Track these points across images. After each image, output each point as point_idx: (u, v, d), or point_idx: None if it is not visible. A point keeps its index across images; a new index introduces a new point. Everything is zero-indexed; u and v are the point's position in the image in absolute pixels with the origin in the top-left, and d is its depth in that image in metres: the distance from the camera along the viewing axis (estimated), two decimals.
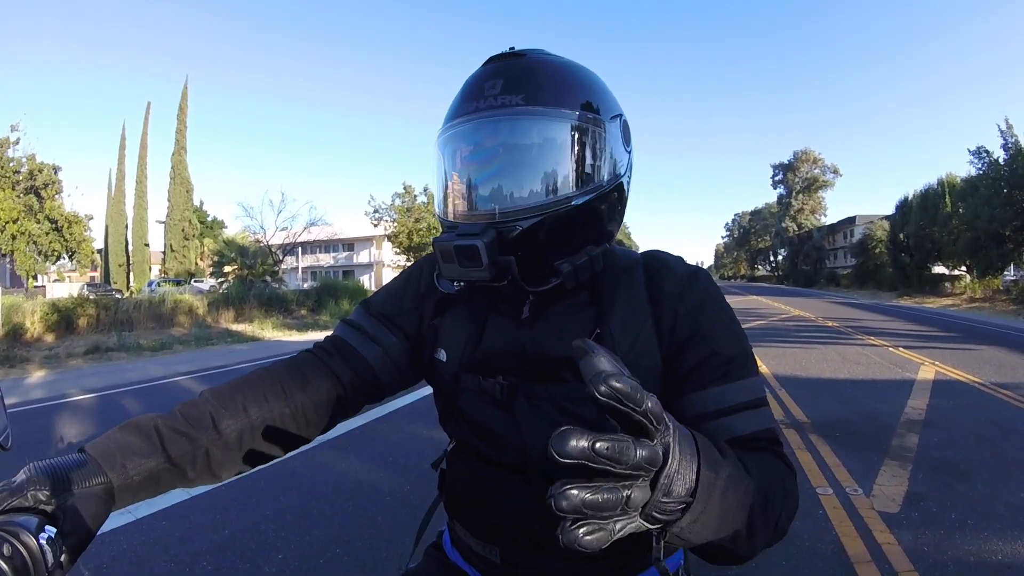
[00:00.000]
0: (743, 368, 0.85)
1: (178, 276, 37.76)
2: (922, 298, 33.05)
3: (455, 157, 0.90)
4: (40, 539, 0.59)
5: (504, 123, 0.84)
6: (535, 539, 0.89)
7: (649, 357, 0.86)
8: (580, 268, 0.85)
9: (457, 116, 0.87)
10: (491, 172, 0.87)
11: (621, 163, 0.91)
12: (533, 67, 0.86)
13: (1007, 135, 27.04)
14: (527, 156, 0.84)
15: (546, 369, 0.89)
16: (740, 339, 0.88)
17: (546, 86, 0.84)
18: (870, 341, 12.56)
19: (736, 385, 0.83)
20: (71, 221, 25.28)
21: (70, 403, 7.42)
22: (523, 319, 0.93)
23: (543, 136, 0.84)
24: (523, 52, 0.89)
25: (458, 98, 0.89)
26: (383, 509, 3.69)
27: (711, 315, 0.88)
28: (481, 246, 0.80)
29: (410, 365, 1.03)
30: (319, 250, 50.40)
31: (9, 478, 0.66)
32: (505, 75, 0.85)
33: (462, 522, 1.01)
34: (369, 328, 1.02)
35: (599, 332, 0.88)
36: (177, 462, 0.79)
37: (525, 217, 0.82)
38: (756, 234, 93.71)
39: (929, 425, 5.56)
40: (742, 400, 0.82)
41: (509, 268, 0.82)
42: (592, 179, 0.85)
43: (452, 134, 0.89)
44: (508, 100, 0.82)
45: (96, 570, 2.94)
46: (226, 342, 14.83)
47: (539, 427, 0.87)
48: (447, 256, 0.84)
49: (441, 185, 0.94)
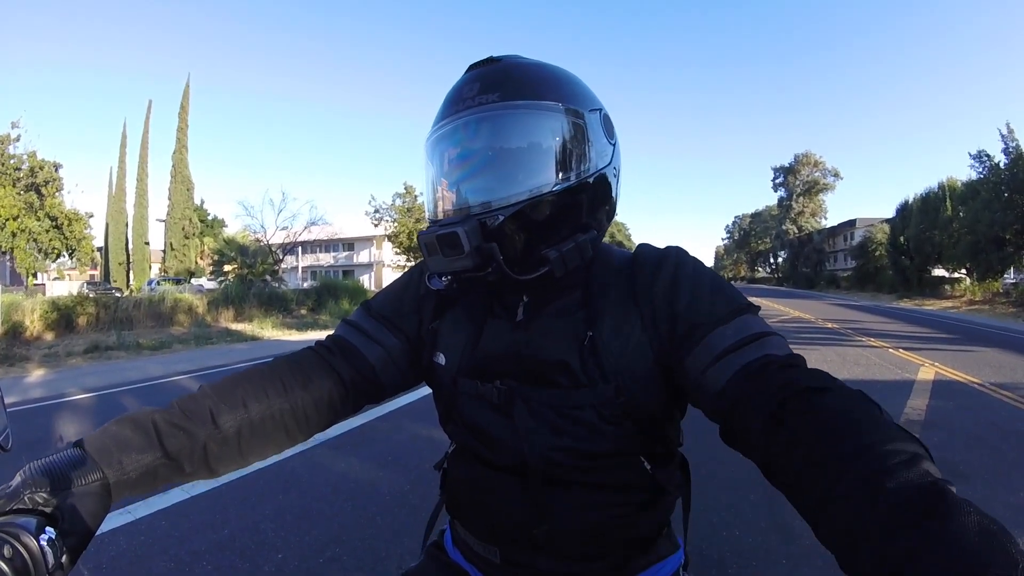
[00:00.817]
0: (739, 313, 0.83)
1: (178, 275, 37.73)
2: (922, 300, 33.07)
3: (438, 160, 0.92)
4: (40, 540, 0.59)
5: (483, 121, 0.86)
6: (534, 541, 0.90)
7: (641, 361, 0.86)
8: (567, 255, 0.85)
9: (439, 122, 0.89)
10: (471, 168, 0.88)
11: (604, 154, 0.91)
12: (507, 69, 0.89)
13: (1008, 139, 27.13)
14: (505, 149, 0.86)
15: (541, 372, 0.89)
16: (729, 299, 0.85)
17: (522, 83, 0.86)
18: (870, 342, 12.57)
19: (733, 324, 0.81)
20: (71, 219, 25.27)
21: (69, 402, 7.41)
22: (518, 322, 0.93)
23: (520, 129, 0.85)
24: (499, 58, 0.91)
25: (442, 106, 0.91)
26: (382, 509, 3.68)
27: (687, 291, 0.86)
28: (461, 232, 0.81)
29: (410, 367, 1.03)
30: (319, 249, 50.41)
31: (7, 480, 0.66)
32: (481, 79, 0.87)
33: (463, 522, 1.02)
34: (370, 329, 1.02)
35: (591, 335, 0.87)
36: (174, 456, 0.79)
37: (505, 206, 0.83)
38: (756, 236, 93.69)
39: (929, 426, 5.57)
40: (743, 336, 0.79)
41: (492, 255, 0.82)
42: (573, 168, 0.86)
43: (435, 139, 0.91)
44: (485, 99, 0.84)
45: (95, 570, 2.94)
46: (226, 341, 14.82)
47: (537, 432, 0.88)
48: (431, 248, 0.85)
49: (428, 189, 0.96)
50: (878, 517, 0.49)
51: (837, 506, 0.54)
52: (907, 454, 0.54)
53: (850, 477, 0.54)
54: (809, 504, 0.59)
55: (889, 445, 0.55)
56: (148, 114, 41.00)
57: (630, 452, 0.89)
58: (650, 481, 0.91)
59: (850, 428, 0.60)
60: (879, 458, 0.54)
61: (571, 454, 0.87)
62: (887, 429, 0.59)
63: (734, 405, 0.74)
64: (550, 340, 0.89)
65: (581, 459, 0.87)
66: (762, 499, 3.64)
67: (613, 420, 0.86)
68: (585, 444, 0.87)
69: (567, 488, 0.89)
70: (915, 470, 0.52)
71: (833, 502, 0.54)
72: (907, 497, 0.49)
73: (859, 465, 0.54)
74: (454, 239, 0.81)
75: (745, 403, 0.72)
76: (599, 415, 0.86)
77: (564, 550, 0.90)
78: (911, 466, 0.52)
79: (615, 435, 0.87)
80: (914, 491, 0.49)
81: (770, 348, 0.77)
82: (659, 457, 0.93)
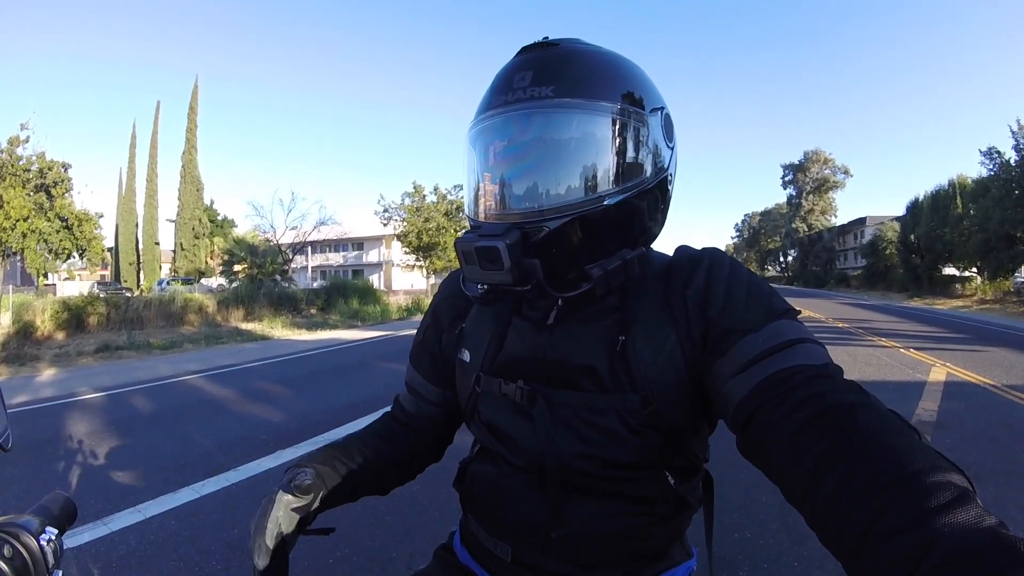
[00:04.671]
0: (773, 319, 0.77)
1: (188, 275, 37.96)
2: (933, 299, 32.91)
3: (481, 153, 0.86)
4: (40, 540, 0.59)
5: (534, 116, 0.80)
6: (548, 543, 0.88)
7: (672, 371, 0.81)
8: (612, 273, 0.80)
9: (485, 111, 0.84)
10: (518, 169, 0.82)
11: (663, 159, 0.85)
12: (565, 57, 0.82)
13: (1018, 136, 26.83)
14: (557, 151, 0.80)
15: (567, 377, 0.86)
16: (765, 304, 0.78)
17: (579, 76, 0.79)
18: (881, 342, 12.51)
19: (765, 331, 0.75)
20: (81, 219, 25.34)
21: (80, 401, 7.45)
22: (547, 324, 0.89)
23: (575, 129, 0.79)
24: (556, 41, 0.84)
25: (487, 92, 0.85)
26: (392, 509, 3.68)
27: (720, 295, 0.80)
28: (502, 247, 0.76)
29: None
30: (329, 249, 50.50)
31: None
32: (535, 66, 0.81)
33: (477, 517, 1.01)
34: (420, 389, 1.11)
35: (623, 340, 0.83)
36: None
37: (554, 217, 0.78)
38: (766, 235, 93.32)
39: (940, 427, 5.53)
40: (773, 344, 0.73)
41: (533, 271, 0.78)
42: (630, 176, 0.80)
43: (479, 129, 0.85)
44: (537, 92, 0.78)
45: (105, 569, 2.96)
46: (236, 341, 14.87)
47: (558, 434, 0.85)
48: (468, 258, 0.81)
49: (469, 183, 0.90)
50: (933, 565, 0.44)
51: (882, 546, 0.49)
52: (955, 489, 0.50)
53: (894, 513, 0.49)
54: (844, 539, 0.53)
55: (933, 476, 0.51)
56: (157, 115, 41.42)
57: (652, 464, 0.86)
58: (673, 495, 0.88)
59: (887, 454, 0.55)
60: (925, 493, 0.49)
61: (591, 461, 0.84)
62: (927, 456, 0.54)
63: (752, 418, 0.70)
64: (579, 344, 0.86)
65: (601, 467, 0.84)
66: (773, 501, 3.61)
67: (637, 430, 0.82)
68: (606, 451, 0.83)
69: (585, 494, 0.87)
70: (968, 511, 0.47)
71: (876, 539, 0.50)
72: (967, 548, 0.44)
73: (902, 501, 0.50)
74: (494, 254, 0.77)
75: (765, 416, 0.68)
76: (623, 423, 0.82)
77: (578, 555, 0.88)
78: (962, 505, 0.48)
79: (638, 445, 0.83)
80: (973, 541, 0.45)
81: (801, 357, 0.72)
82: (682, 471, 0.90)
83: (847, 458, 0.57)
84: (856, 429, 0.59)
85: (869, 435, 0.58)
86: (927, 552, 0.45)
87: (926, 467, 0.52)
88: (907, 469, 0.52)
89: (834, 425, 0.60)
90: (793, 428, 0.63)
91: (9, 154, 22.92)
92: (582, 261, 0.81)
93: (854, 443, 0.58)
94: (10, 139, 23.07)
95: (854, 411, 0.61)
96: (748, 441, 0.71)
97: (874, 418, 0.60)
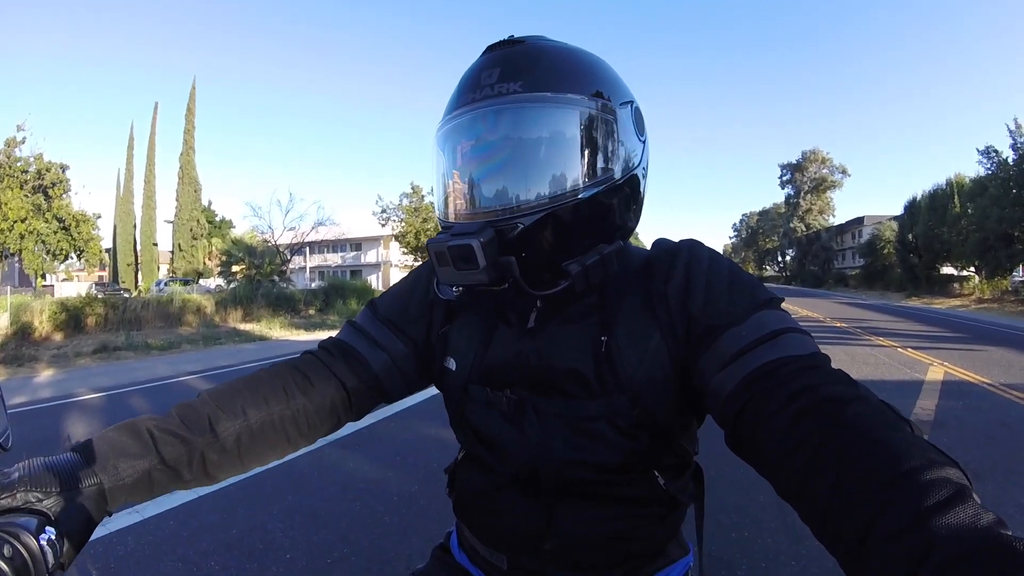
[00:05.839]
0: (757, 310, 0.76)
1: (186, 275, 37.89)
2: (931, 299, 32.95)
3: (450, 153, 0.84)
4: (40, 540, 0.59)
5: (504, 113, 0.78)
6: (543, 551, 0.88)
7: (658, 369, 0.80)
8: (591, 269, 0.79)
9: (453, 110, 0.82)
10: (488, 167, 0.81)
11: (634, 153, 0.84)
12: (532, 53, 0.80)
13: (1016, 135, 26.90)
14: (527, 147, 0.78)
15: (553, 381, 0.84)
16: (748, 295, 0.78)
17: (547, 72, 0.78)
18: (879, 342, 12.51)
19: (749, 322, 0.74)
20: (79, 220, 25.38)
21: (78, 402, 7.44)
22: (529, 328, 0.88)
23: (545, 125, 0.78)
24: (521, 39, 0.82)
25: (455, 92, 0.83)
26: (391, 509, 3.68)
27: (701, 289, 0.79)
28: (476, 245, 0.74)
29: (417, 373, 0.99)
30: (327, 250, 50.50)
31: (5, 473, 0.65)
32: (502, 63, 0.79)
33: (470, 527, 1.00)
34: (376, 334, 0.98)
35: (606, 341, 0.82)
36: (171, 464, 0.76)
37: (528, 213, 0.76)
38: (764, 234, 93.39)
39: (938, 426, 5.54)
40: (758, 335, 0.72)
41: (510, 269, 0.76)
42: (601, 171, 0.79)
43: (448, 129, 0.83)
44: (505, 88, 0.77)
45: (103, 570, 2.95)
46: (234, 341, 14.89)
47: (549, 443, 0.84)
48: (442, 259, 0.79)
49: (439, 184, 0.88)
50: (933, 567, 0.44)
51: (881, 548, 0.48)
52: (951, 486, 0.49)
53: (892, 515, 0.49)
54: (842, 540, 0.53)
55: (929, 473, 0.50)
56: (155, 116, 41.34)
57: (643, 466, 0.86)
58: (664, 494, 0.87)
59: (881, 451, 0.54)
60: (922, 492, 0.48)
61: (583, 467, 0.83)
62: (922, 451, 0.53)
63: (740, 412, 0.69)
64: (562, 347, 0.84)
65: (593, 472, 0.83)
66: (771, 500, 3.60)
67: (627, 431, 0.81)
68: (597, 457, 0.82)
69: (578, 500, 0.86)
70: (966, 509, 0.46)
71: (875, 541, 0.49)
72: (966, 549, 0.44)
73: (900, 500, 0.49)
74: (468, 252, 0.75)
75: (754, 411, 0.67)
76: (613, 426, 0.81)
77: (574, 560, 0.88)
78: (960, 503, 0.47)
79: (628, 448, 0.82)
80: (972, 542, 0.44)
81: (788, 348, 0.70)
82: (673, 469, 0.90)
83: (841, 455, 0.56)
84: (849, 424, 0.58)
85: (862, 430, 0.57)
86: (927, 554, 0.45)
87: (922, 464, 0.51)
88: (903, 466, 0.51)
89: (826, 420, 0.59)
90: (784, 423, 0.62)
91: (7, 155, 22.90)
92: (558, 258, 0.79)
93: (847, 439, 0.57)
94: (7, 140, 23.07)
95: (846, 405, 0.60)
96: (738, 436, 0.70)
97: (866, 412, 0.59)
